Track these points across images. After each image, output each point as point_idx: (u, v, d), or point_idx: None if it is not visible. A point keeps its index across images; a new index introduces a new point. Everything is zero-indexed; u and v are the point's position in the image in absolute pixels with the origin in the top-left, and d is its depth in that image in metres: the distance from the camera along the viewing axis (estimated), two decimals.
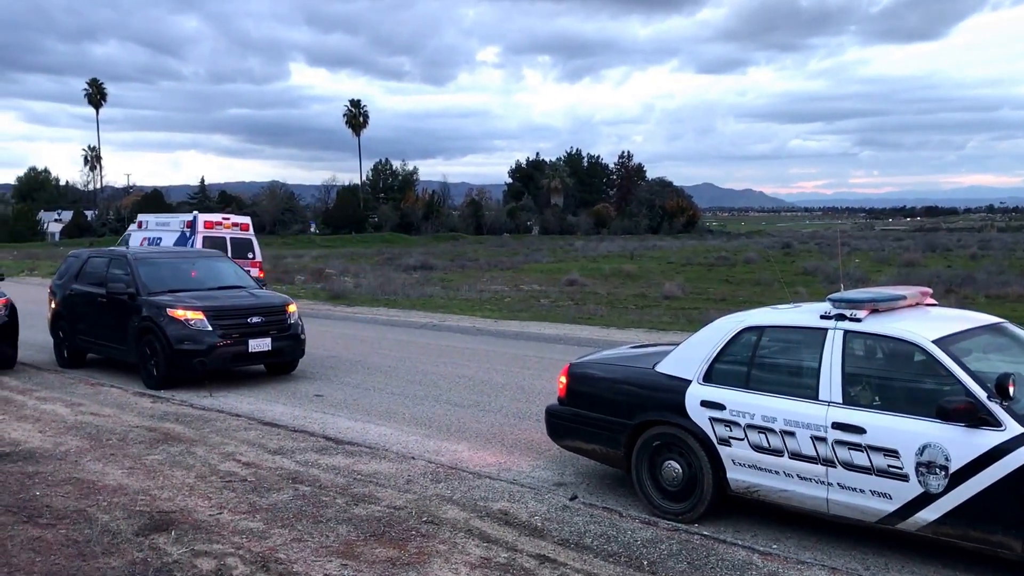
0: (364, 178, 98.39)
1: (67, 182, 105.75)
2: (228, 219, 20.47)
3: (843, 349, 5.24)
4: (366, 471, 6.53)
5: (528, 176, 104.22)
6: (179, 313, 10.24)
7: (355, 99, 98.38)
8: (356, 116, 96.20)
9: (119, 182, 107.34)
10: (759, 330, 5.74)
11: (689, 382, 5.77)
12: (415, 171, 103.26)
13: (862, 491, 4.99)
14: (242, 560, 4.73)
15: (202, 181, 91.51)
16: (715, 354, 5.76)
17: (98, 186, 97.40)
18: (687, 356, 5.93)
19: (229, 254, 16.35)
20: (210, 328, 10.22)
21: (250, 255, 19.87)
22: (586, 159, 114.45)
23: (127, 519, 5.40)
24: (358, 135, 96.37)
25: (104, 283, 11.28)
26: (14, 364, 11.45)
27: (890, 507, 4.90)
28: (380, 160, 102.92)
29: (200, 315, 10.25)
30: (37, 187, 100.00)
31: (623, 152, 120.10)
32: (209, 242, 18.61)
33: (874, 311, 5.38)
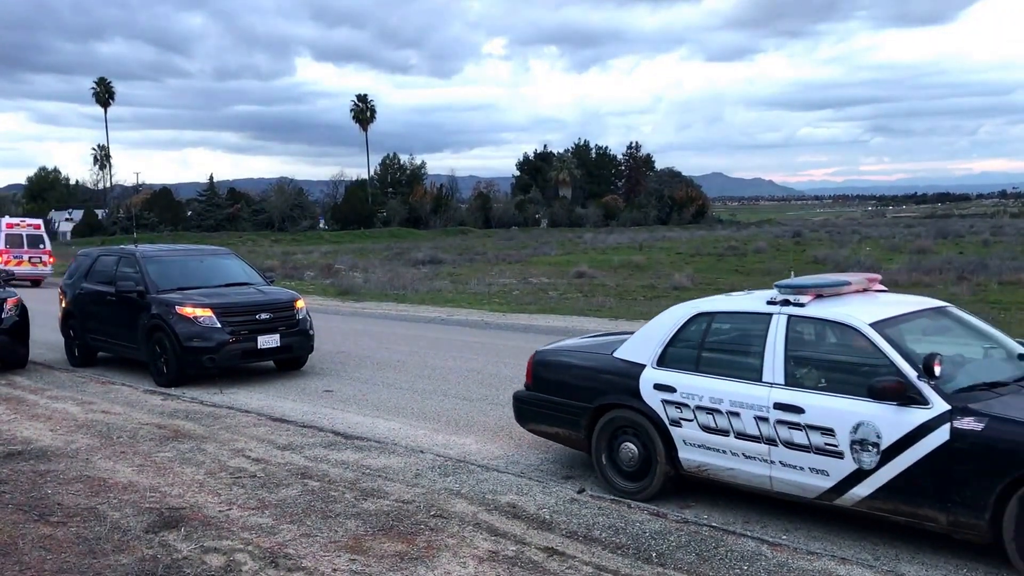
0: (372, 173, 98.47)
1: (77, 181, 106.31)
2: (24, 221, 30.27)
3: (786, 333, 5.45)
4: (375, 466, 6.54)
5: (536, 168, 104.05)
6: (188, 311, 10.28)
7: (362, 94, 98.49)
8: (363, 111, 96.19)
9: (129, 181, 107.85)
10: (709, 316, 5.99)
11: (644, 367, 5.99)
12: (423, 165, 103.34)
13: (802, 468, 5.19)
14: (251, 556, 4.75)
15: (211, 178, 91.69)
16: (668, 339, 6.00)
17: (108, 185, 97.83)
18: (642, 342, 6.17)
19: (25, 246, 27.98)
20: (219, 325, 10.25)
21: (41, 245, 28.88)
22: (594, 150, 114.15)
23: (137, 516, 5.43)
24: (365, 130, 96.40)
25: (113, 282, 11.34)
26: (25, 363, 11.52)
27: (827, 483, 5.11)
28: (388, 155, 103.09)
29: (209, 312, 10.28)
30: (47, 187, 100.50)
31: (631, 143, 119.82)
32: (11, 238, 28.00)
33: (818, 296, 5.60)
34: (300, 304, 11.18)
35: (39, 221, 30.95)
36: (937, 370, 4.75)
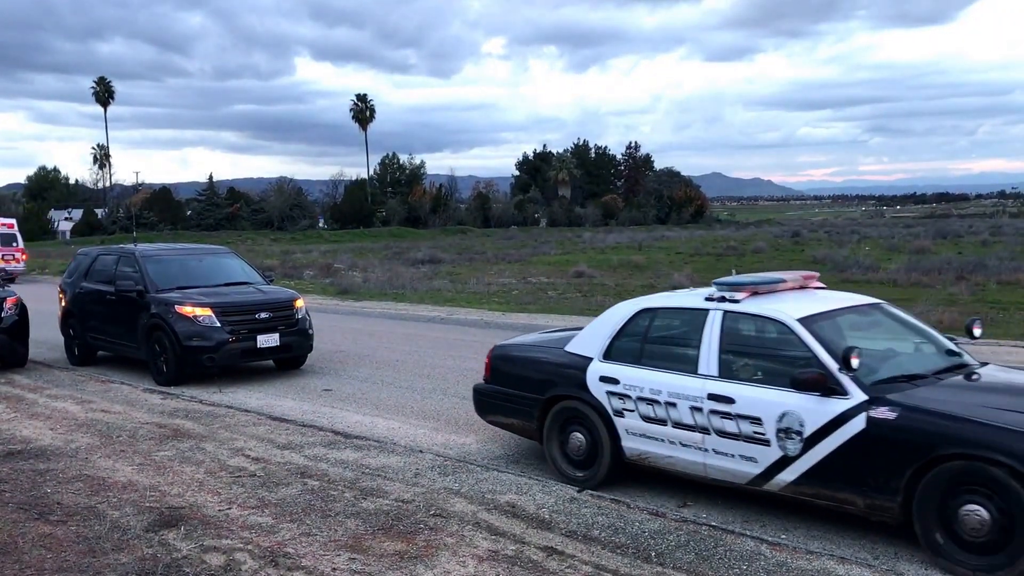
0: (371, 172, 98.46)
1: (77, 181, 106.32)
2: None
3: (721, 328, 5.74)
4: (374, 465, 6.55)
5: (535, 168, 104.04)
6: (188, 310, 10.28)
7: (361, 93, 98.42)
8: (363, 110, 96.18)
9: (128, 180, 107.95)
10: (652, 312, 6.30)
11: (591, 360, 6.29)
12: (422, 165, 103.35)
13: (733, 456, 5.48)
14: (251, 555, 4.76)
15: (210, 178, 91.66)
16: (614, 334, 6.30)
17: (107, 184, 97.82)
18: (590, 336, 6.47)
19: None
20: (219, 324, 10.26)
21: (14, 243, 30.59)
22: (593, 150, 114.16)
23: (137, 515, 5.44)
24: (365, 129, 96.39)
25: (113, 281, 11.34)
26: (25, 362, 11.52)
27: (756, 470, 5.39)
28: (387, 154, 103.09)
29: (208, 311, 10.28)
30: (47, 186, 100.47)
31: (630, 143, 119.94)
32: None
33: (754, 293, 5.91)
34: (299, 303, 11.18)
35: (12, 220, 32.70)
36: (855, 362, 4.96)
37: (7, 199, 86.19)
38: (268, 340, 10.52)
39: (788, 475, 5.24)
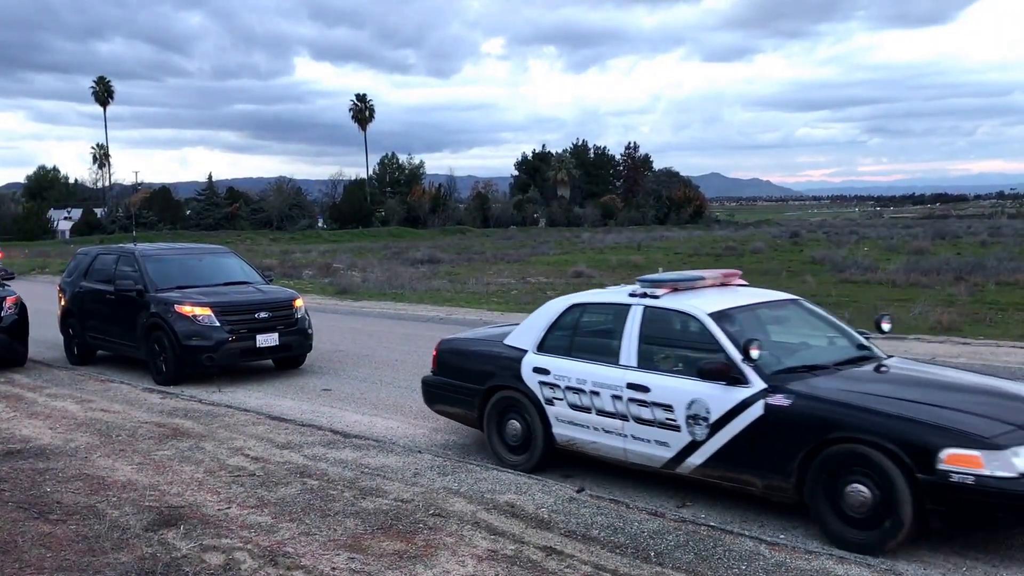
0: (371, 172, 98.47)
1: (76, 180, 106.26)
2: None
3: (641, 322, 6.13)
4: (374, 464, 6.55)
5: (534, 168, 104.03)
6: (187, 309, 10.29)
7: (361, 93, 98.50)
8: (362, 110, 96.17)
9: (128, 180, 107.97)
10: (582, 307, 6.74)
11: (526, 352, 6.71)
12: (421, 165, 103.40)
13: (649, 441, 5.86)
14: (250, 554, 4.76)
15: (210, 177, 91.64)
16: (547, 328, 6.72)
17: (107, 184, 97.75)
18: (526, 330, 6.89)
19: None
20: (218, 324, 10.26)
21: None
22: (592, 150, 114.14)
23: (136, 514, 5.44)
24: (364, 129, 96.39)
25: (112, 280, 11.35)
26: (24, 361, 11.52)
27: (669, 454, 5.77)
28: (386, 154, 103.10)
29: (208, 311, 10.29)
30: (47, 185, 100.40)
31: (629, 143, 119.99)
32: None
33: (674, 290, 6.30)
34: (299, 303, 11.19)
35: None
36: (754, 353, 5.36)
37: (6, 198, 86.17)
38: (267, 340, 10.53)
39: (697, 459, 5.61)
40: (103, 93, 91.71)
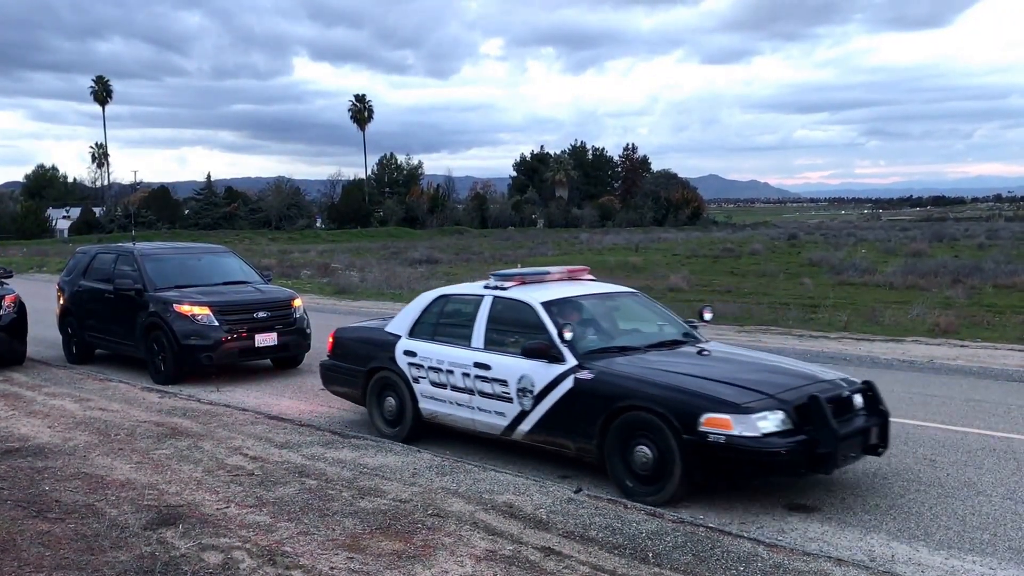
0: (369, 173, 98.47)
1: (75, 179, 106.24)
2: None
3: (490, 310, 7.05)
4: (372, 464, 6.55)
5: (533, 169, 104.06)
6: (186, 309, 10.28)
7: (359, 93, 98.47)
8: (361, 111, 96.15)
9: (126, 179, 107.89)
10: (447, 297, 7.67)
11: (400, 337, 7.63)
12: (420, 165, 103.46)
13: (490, 412, 6.79)
14: (249, 553, 4.76)
15: (208, 177, 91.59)
16: (418, 316, 7.64)
17: (105, 183, 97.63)
18: (402, 318, 7.80)
19: None
20: (217, 323, 10.26)
21: None
22: (591, 152, 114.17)
23: (135, 513, 5.44)
24: (363, 130, 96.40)
25: (111, 279, 11.34)
26: (23, 360, 11.51)
27: (504, 423, 6.70)
28: (385, 154, 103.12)
29: (207, 310, 10.29)
30: (45, 184, 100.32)
31: (628, 144, 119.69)
32: None
33: (522, 283, 7.21)
34: (297, 303, 11.19)
35: None
36: (567, 335, 6.31)
37: (5, 197, 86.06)
38: (266, 339, 10.53)
39: (525, 426, 6.54)
40: (102, 92, 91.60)
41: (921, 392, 9.37)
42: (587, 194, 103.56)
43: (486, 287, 7.27)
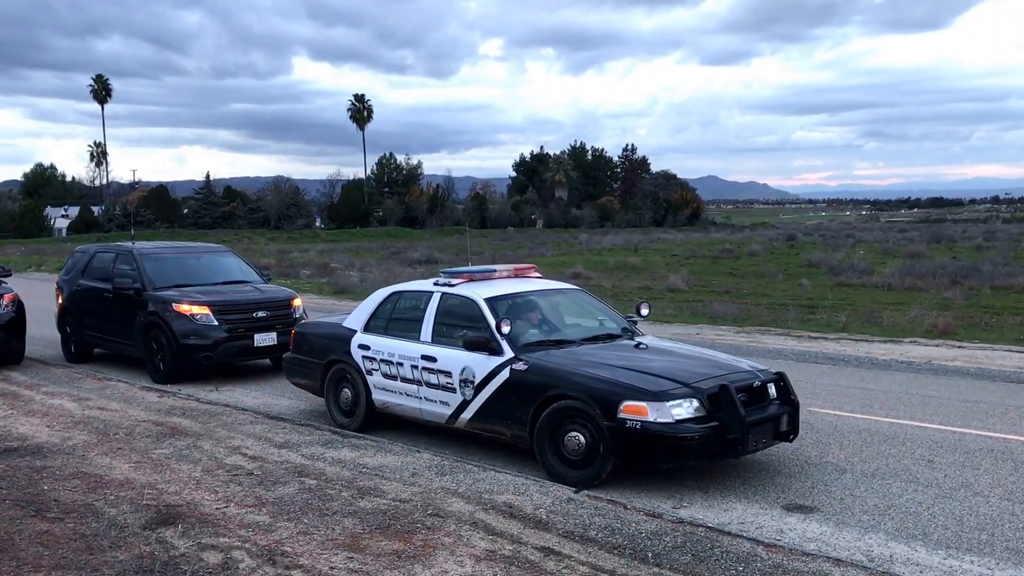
0: (369, 172, 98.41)
1: (73, 178, 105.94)
2: None
3: (438, 305, 7.42)
4: (372, 464, 6.56)
5: (532, 170, 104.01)
6: (185, 308, 10.28)
7: (359, 93, 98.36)
8: (360, 110, 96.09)
9: (125, 178, 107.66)
10: (400, 294, 8.02)
11: (355, 332, 7.98)
12: (419, 165, 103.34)
13: (435, 401, 7.16)
14: (248, 553, 4.76)
15: (207, 176, 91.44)
16: (372, 311, 7.98)
17: (104, 182, 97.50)
18: (358, 313, 8.14)
19: None
20: (216, 323, 10.26)
21: None
22: (590, 152, 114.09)
23: (134, 513, 5.44)
24: (362, 129, 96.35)
25: (110, 278, 11.33)
26: (22, 359, 11.50)
27: (448, 411, 7.06)
28: (384, 154, 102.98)
29: (206, 310, 10.28)
30: (44, 183, 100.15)
31: (627, 145, 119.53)
32: None
33: (470, 280, 7.54)
34: (297, 302, 11.19)
35: None
36: (504, 329, 6.61)
37: (3, 196, 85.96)
38: (265, 339, 10.53)
39: (467, 415, 6.89)
40: (101, 91, 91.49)
41: (919, 393, 9.39)
42: (586, 195, 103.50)
43: (436, 284, 7.63)
